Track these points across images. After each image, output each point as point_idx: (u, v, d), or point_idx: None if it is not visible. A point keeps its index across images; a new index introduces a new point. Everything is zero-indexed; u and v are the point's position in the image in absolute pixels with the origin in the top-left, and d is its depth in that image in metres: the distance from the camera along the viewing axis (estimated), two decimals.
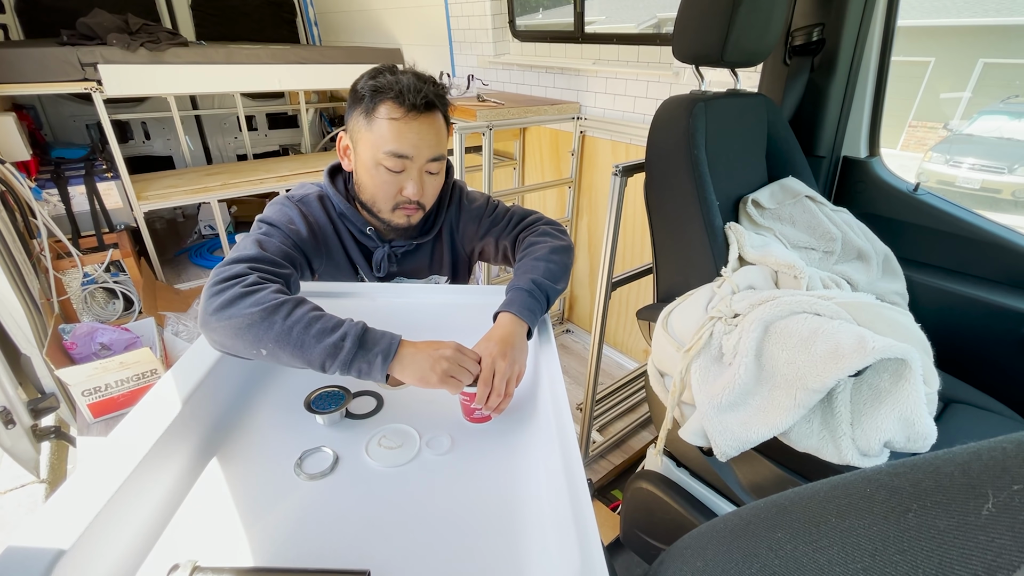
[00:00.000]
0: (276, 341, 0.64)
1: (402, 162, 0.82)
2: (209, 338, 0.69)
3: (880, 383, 0.74)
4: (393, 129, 0.80)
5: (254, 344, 0.65)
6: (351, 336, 0.65)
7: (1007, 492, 0.21)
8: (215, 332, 0.66)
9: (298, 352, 0.64)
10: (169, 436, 0.58)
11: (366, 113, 0.81)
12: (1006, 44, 5.78)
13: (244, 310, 0.65)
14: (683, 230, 1.06)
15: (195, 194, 2.44)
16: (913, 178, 1.25)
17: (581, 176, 2.13)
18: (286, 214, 0.87)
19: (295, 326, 0.64)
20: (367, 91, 0.80)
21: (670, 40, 1.08)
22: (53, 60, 2.01)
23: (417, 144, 0.81)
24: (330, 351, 0.64)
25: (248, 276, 0.70)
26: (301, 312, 0.66)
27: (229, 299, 0.66)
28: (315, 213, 0.90)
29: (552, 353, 0.75)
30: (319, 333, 0.64)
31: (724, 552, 0.36)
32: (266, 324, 0.64)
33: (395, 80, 0.79)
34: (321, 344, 0.64)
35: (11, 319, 1.31)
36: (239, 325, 0.65)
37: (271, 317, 0.65)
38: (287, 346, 0.64)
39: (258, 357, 0.67)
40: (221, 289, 0.67)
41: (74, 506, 0.48)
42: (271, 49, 2.58)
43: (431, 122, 0.82)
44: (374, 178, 0.84)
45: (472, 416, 0.71)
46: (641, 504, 1.15)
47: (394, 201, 0.86)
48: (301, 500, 0.59)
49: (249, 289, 0.67)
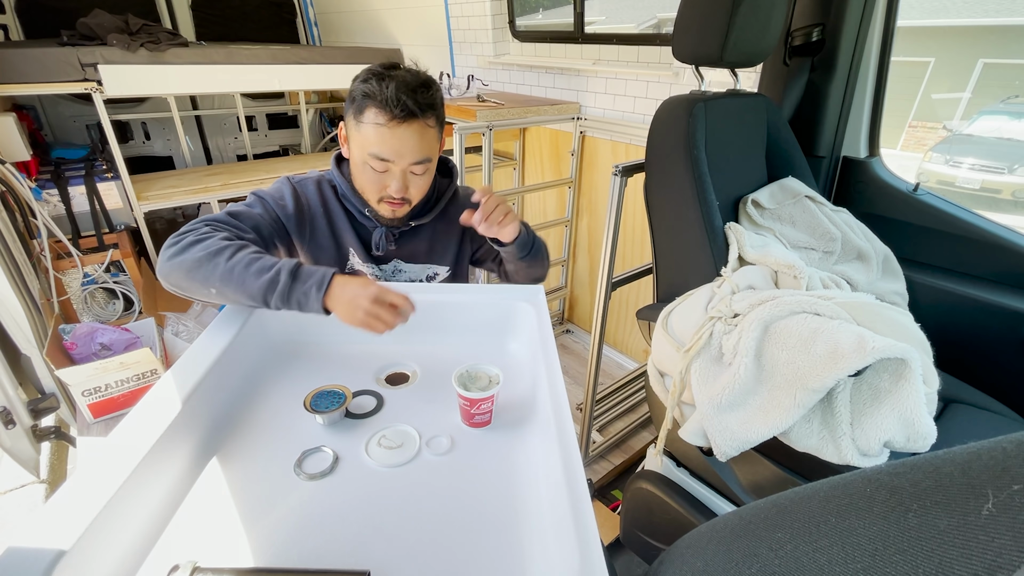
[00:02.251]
0: (221, 280, 0.72)
1: (385, 164, 0.86)
2: (166, 283, 0.77)
3: (880, 383, 0.74)
4: (377, 134, 0.83)
5: (204, 284, 0.74)
6: (285, 270, 0.72)
7: (1007, 492, 0.21)
8: (170, 276, 0.76)
9: (241, 288, 0.72)
10: (169, 436, 0.58)
11: (355, 114, 0.85)
12: (1006, 44, 5.78)
13: (193, 254, 0.74)
14: (683, 230, 1.06)
15: (195, 194, 2.44)
16: (913, 178, 1.25)
17: (581, 176, 2.13)
18: (279, 189, 0.94)
19: (236, 266, 0.73)
20: (357, 94, 0.84)
21: (670, 40, 1.08)
22: (53, 60, 2.01)
23: (399, 150, 0.85)
24: (267, 286, 0.71)
25: (202, 228, 0.79)
26: (243, 254, 0.74)
27: (182, 246, 0.76)
28: (308, 194, 0.95)
29: (552, 353, 0.75)
30: (258, 271, 0.72)
31: (724, 552, 0.36)
32: (211, 265, 0.73)
33: (382, 87, 0.82)
34: (259, 280, 0.71)
35: (11, 319, 1.31)
36: (188, 267, 0.74)
37: (215, 259, 0.73)
38: (231, 283, 0.72)
39: (212, 297, 0.75)
40: (176, 240, 0.77)
41: (74, 507, 0.48)
42: (271, 49, 2.58)
43: (415, 129, 0.84)
44: (362, 173, 0.89)
45: (471, 420, 0.71)
46: (641, 504, 1.15)
47: (379, 195, 0.90)
48: (301, 500, 0.59)
49: (200, 237, 0.77)
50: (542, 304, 0.88)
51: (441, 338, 0.89)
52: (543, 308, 0.87)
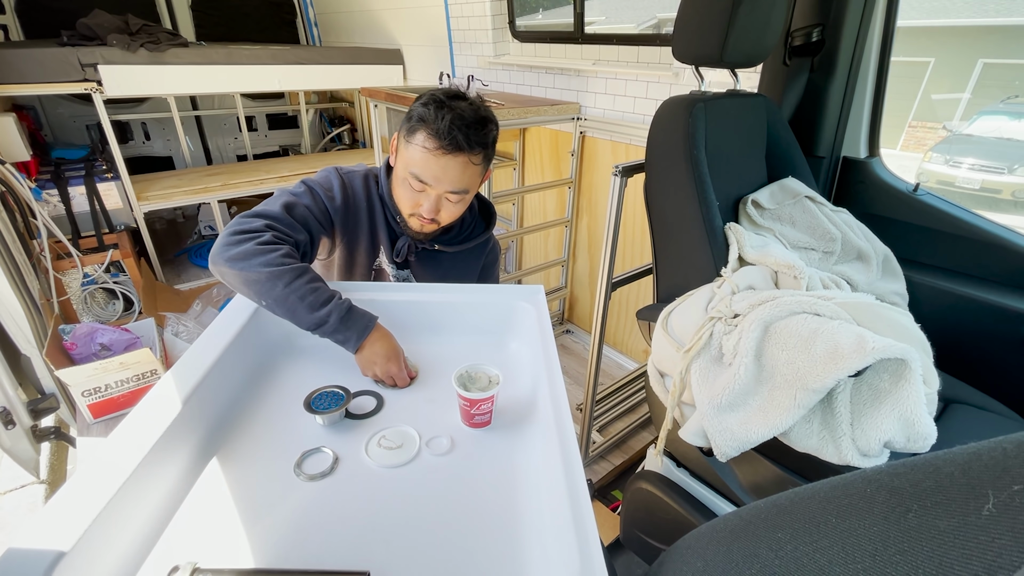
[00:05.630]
0: (276, 301, 0.77)
1: (423, 185, 0.89)
2: (216, 272, 0.81)
3: (880, 383, 0.73)
4: (422, 158, 0.86)
5: (256, 297, 0.79)
6: (335, 314, 0.78)
7: (1007, 492, 0.21)
8: (225, 276, 0.79)
9: (291, 316, 0.78)
10: (169, 437, 0.58)
11: (407, 133, 0.88)
12: (1006, 44, 5.78)
13: (254, 267, 0.77)
14: (683, 230, 1.06)
15: (195, 195, 2.44)
16: (913, 178, 1.25)
17: (581, 176, 2.13)
18: (329, 180, 0.96)
19: (292, 295, 0.77)
20: (414, 115, 0.87)
21: (670, 40, 1.08)
22: (53, 60, 2.02)
23: (439, 177, 0.87)
24: (317, 322, 0.77)
25: (264, 234, 0.81)
26: (300, 283, 0.78)
27: (244, 253, 0.78)
28: (355, 187, 0.98)
29: (552, 353, 0.75)
30: (310, 306, 0.77)
31: (724, 552, 0.36)
32: (269, 285, 0.77)
33: (438, 116, 0.84)
34: (311, 316, 0.77)
35: (11, 319, 1.31)
36: (247, 279, 0.77)
37: (275, 281, 0.77)
38: (283, 308, 0.78)
39: (257, 303, 0.80)
40: (238, 240, 0.79)
41: (74, 508, 0.48)
42: (271, 49, 2.58)
43: (460, 161, 0.86)
44: (400, 186, 0.93)
45: (471, 421, 0.71)
46: (641, 504, 1.15)
47: (411, 211, 0.94)
48: (301, 501, 0.59)
49: (262, 248, 0.79)
50: (542, 304, 0.88)
51: (441, 338, 0.90)
52: (543, 308, 0.87)
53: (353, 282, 1.01)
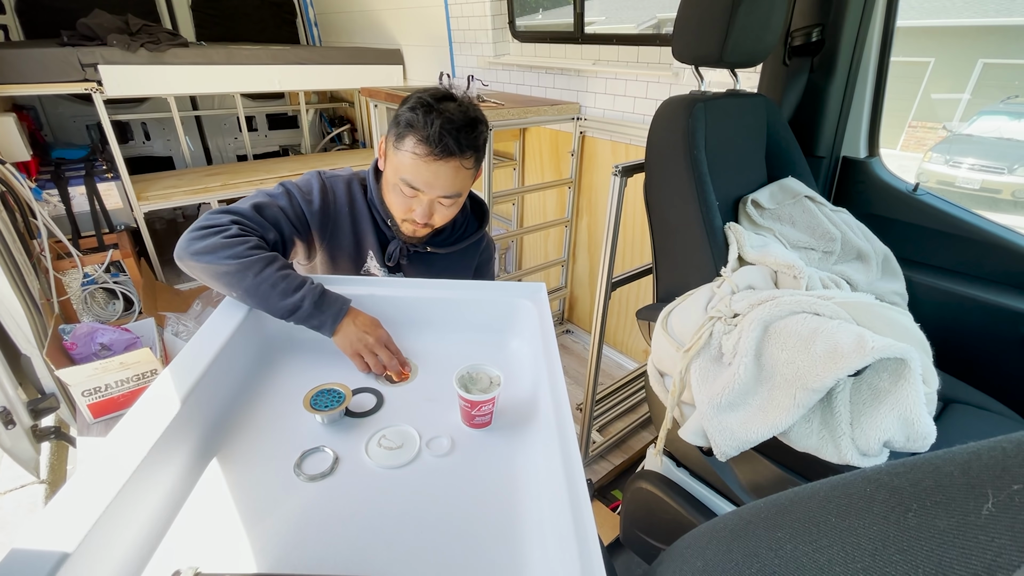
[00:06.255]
0: (247, 292, 0.77)
1: (415, 191, 0.88)
2: (182, 266, 0.80)
3: (879, 383, 0.74)
4: (412, 164, 0.85)
5: (227, 289, 0.78)
6: (308, 298, 0.78)
7: (1007, 492, 0.21)
8: (192, 270, 0.79)
9: (264, 305, 0.77)
10: (168, 437, 0.58)
11: (395, 139, 0.86)
12: (1006, 44, 5.78)
13: (222, 260, 0.76)
14: (683, 230, 1.06)
15: (195, 195, 2.44)
16: (913, 178, 1.25)
17: (581, 176, 2.13)
18: (309, 183, 0.94)
19: (263, 283, 0.76)
20: (402, 120, 0.85)
21: (670, 40, 1.08)
22: (53, 61, 2.02)
23: (431, 182, 0.86)
24: (291, 308, 0.77)
25: (230, 228, 0.81)
26: (270, 271, 0.77)
27: (209, 246, 0.77)
28: (337, 192, 0.96)
29: (553, 352, 0.75)
30: (283, 292, 0.77)
31: (724, 552, 0.36)
32: (239, 276, 0.76)
33: (427, 122, 0.82)
34: (283, 302, 0.77)
35: (11, 319, 1.31)
36: (216, 272, 0.76)
37: (245, 271, 0.76)
38: (255, 298, 0.77)
39: (230, 295, 0.80)
40: (202, 235, 0.79)
41: (75, 509, 0.48)
42: (271, 50, 2.58)
43: (452, 166, 0.85)
44: (391, 192, 0.91)
45: (472, 422, 0.71)
46: (641, 504, 1.15)
47: (404, 216, 0.92)
48: (301, 502, 0.59)
49: (229, 241, 0.78)
50: (544, 302, 0.88)
51: (441, 334, 0.89)
52: (545, 306, 0.87)
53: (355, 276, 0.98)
